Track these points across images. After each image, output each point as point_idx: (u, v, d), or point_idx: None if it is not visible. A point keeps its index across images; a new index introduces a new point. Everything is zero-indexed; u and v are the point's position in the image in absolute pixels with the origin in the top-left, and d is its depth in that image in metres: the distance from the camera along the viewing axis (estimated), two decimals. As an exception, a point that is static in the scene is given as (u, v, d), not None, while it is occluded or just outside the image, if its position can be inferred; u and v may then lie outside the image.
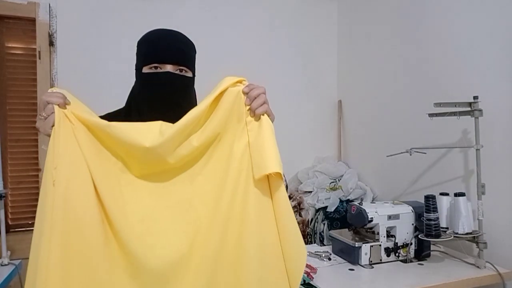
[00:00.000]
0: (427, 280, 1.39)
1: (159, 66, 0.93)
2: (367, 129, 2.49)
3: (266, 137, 0.80)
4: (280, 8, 2.61)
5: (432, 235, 1.51)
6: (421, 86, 2.01)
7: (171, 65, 0.93)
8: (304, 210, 2.46)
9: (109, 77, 2.15)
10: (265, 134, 0.81)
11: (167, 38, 0.96)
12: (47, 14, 2.08)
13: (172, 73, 0.93)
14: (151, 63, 0.93)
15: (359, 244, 1.53)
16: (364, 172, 2.50)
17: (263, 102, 0.82)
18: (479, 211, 1.52)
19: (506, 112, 1.57)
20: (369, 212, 1.54)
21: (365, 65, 2.50)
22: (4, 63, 2.05)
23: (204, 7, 2.40)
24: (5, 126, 2.06)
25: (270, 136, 0.81)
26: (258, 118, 0.82)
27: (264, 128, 0.81)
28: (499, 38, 1.61)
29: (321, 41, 2.75)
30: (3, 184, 1.75)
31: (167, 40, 0.95)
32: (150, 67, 0.93)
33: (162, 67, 0.93)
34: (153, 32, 0.98)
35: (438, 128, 1.85)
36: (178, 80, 0.94)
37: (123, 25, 2.23)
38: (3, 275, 1.57)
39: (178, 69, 0.94)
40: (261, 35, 2.57)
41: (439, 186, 1.86)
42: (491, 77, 1.63)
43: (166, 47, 0.94)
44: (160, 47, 0.94)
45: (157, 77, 0.92)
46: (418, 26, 2.03)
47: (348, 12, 2.68)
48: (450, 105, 1.60)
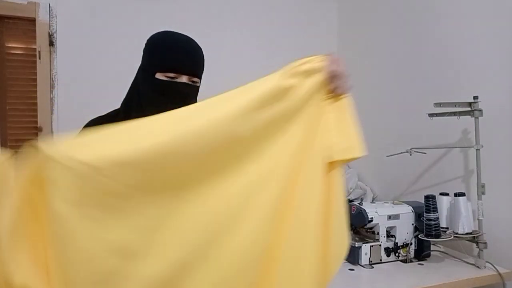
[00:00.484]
0: (427, 280, 1.39)
1: (175, 75, 0.92)
2: (367, 129, 2.48)
3: (348, 118, 0.74)
4: (280, 8, 2.61)
5: (432, 235, 1.51)
6: (421, 86, 2.01)
7: (187, 76, 0.93)
8: (304, 210, 2.46)
9: (109, 77, 2.15)
10: (347, 115, 0.75)
11: (185, 47, 0.95)
12: (47, 14, 2.08)
13: (188, 84, 0.93)
14: (168, 71, 0.92)
15: (359, 244, 1.53)
16: (364, 172, 2.50)
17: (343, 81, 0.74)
18: (479, 211, 1.52)
19: (506, 112, 1.57)
20: (369, 212, 1.54)
21: (365, 65, 2.49)
22: (4, 63, 2.05)
23: (204, 7, 2.40)
24: (5, 126, 2.06)
25: (352, 117, 0.74)
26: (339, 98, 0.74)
27: (346, 109, 0.75)
28: (499, 38, 1.60)
29: (321, 41, 2.75)
30: (3, 184, 1.75)
31: (185, 49, 0.94)
32: (166, 75, 0.92)
33: (178, 77, 0.92)
34: (169, 36, 0.96)
35: (438, 128, 1.85)
36: (192, 90, 0.95)
37: (123, 25, 2.23)
38: (3, 275, 1.57)
39: (192, 81, 0.95)
40: (261, 35, 2.57)
41: (439, 186, 1.86)
42: (491, 77, 1.63)
43: (184, 57, 0.93)
44: (179, 56, 0.93)
45: (175, 86, 0.92)
46: (418, 26, 2.03)
47: (348, 12, 2.68)
48: (450, 105, 1.60)
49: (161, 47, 0.94)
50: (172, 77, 0.92)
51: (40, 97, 2.08)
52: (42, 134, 2.08)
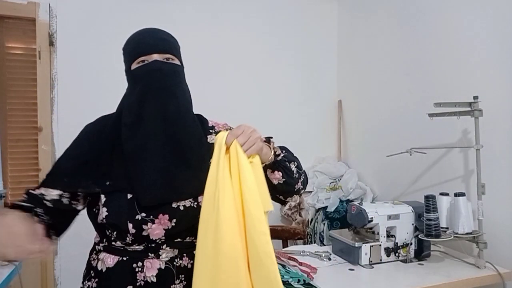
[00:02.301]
0: (427, 280, 1.39)
1: (146, 58, 0.94)
2: (367, 129, 2.49)
3: (259, 177, 0.87)
4: (280, 8, 2.61)
5: (432, 235, 1.51)
6: (421, 86, 2.01)
7: (157, 53, 0.94)
8: (304, 210, 2.47)
9: (109, 77, 2.15)
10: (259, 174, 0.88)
11: (148, 32, 0.98)
12: (47, 14, 2.08)
13: (159, 60, 0.94)
14: (138, 57, 0.94)
15: (359, 244, 1.53)
16: (364, 172, 2.50)
17: (253, 143, 0.86)
18: (479, 211, 1.52)
19: (506, 112, 1.57)
20: (369, 212, 1.54)
21: (365, 65, 2.50)
22: (4, 63, 2.05)
23: (203, 7, 2.40)
24: (5, 126, 2.06)
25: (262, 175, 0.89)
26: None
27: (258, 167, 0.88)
28: (499, 38, 1.61)
29: (321, 41, 2.75)
30: (3, 184, 1.75)
31: (148, 33, 0.98)
32: (138, 62, 0.94)
33: (148, 58, 0.94)
34: (134, 32, 1.00)
35: (438, 128, 1.85)
36: (166, 66, 0.95)
37: (123, 25, 2.22)
38: (3, 275, 1.57)
39: (165, 58, 0.96)
40: (261, 35, 2.57)
41: (439, 186, 1.86)
42: (491, 77, 1.63)
43: (148, 39, 0.96)
44: (142, 41, 0.96)
45: (145, 67, 0.94)
46: (418, 26, 2.03)
47: (348, 12, 2.68)
48: (450, 105, 1.60)
49: (130, 42, 0.99)
50: (143, 60, 0.94)
51: (40, 97, 2.08)
52: (42, 134, 2.09)
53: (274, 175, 0.98)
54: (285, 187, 1.00)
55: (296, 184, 1.03)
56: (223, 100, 2.34)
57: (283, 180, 0.99)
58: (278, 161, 0.98)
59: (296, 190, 1.04)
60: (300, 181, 1.04)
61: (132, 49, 0.97)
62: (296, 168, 1.03)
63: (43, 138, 2.09)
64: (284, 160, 1.00)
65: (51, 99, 2.10)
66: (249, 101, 2.51)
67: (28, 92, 2.08)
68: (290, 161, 1.02)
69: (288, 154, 1.03)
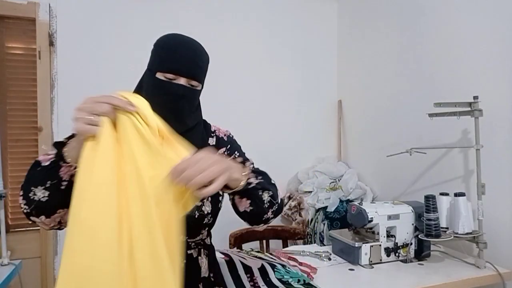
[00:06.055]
0: (427, 280, 1.39)
1: (173, 77, 0.94)
2: (367, 129, 2.49)
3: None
4: (280, 8, 2.62)
5: (432, 235, 1.51)
6: (421, 86, 2.01)
7: (186, 78, 0.94)
8: (304, 210, 2.47)
9: (109, 77, 2.16)
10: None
11: (186, 51, 0.95)
12: (47, 14, 2.08)
13: (184, 86, 0.94)
14: (166, 72, 0.94)
15: (359, 244, 1.53)
16: (364, 172, 2.50)
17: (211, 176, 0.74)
18: (479, 211, 1.52)
19: (506, 112, 1.57)
20: (369, 212, 1.54)
21: (365, 65, 2.50)
22: (4, 63, 2.05)
23: (204, 8, 2.41)
24: (5, 126, 2.06)
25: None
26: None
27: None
28: (499, 38, 1.61)
29: (321, 41, 2.75)
30: (3, 184, 1.75)
31: (186, 52, 0.95)
32: (165, 76, 0.94)
33: (176, 78, 0.94)
34: (173, 38, 0.97)
35: (438, 128, 1.85)
36: (188, 92, 0.96)
37: (123, 25, 2.23)
38: (3, 275, 1.57)
39: (190, 84, 0.96)
40: (261, 35, 2.57)
41: (439, 186, 1.86)
42: (491, 77, 1.64)
43: (184, 59, 0.94)
44: (178, 58, 0.94)
45: (171, 87, 0.94)
46: (418, 26, 2.03)
47: (348, 12, 2.68)
48: (450, 105, 1.60)
49: (164, 49, 0.96)
50: (171, 78, 0.94)
51: (40, 97, 2.08)
52: (42, 134, 2.09)
53: (242, 202, 0.93)
54: (251, 217, 0.96)
55: (265, 214, 0.96)
56: (223, 100, 2.34)
57: (250, 208, 0.93)
58: (248, 189, 0.90)
59: (264, 220, 0.98)
60: (270, 211, 0.97)
61: (165, 58, 0.94)
62: (269, 197, 0.95)
63: (43, 138, 2.09)
64: (257, 188, 0.92)
65: (51, 99, 2.10)
66: (249, 101, 2.51)
67: (28, 92, 2.08)
68: (264, 190, 0.94)
69: (264, 182, 0.95)
